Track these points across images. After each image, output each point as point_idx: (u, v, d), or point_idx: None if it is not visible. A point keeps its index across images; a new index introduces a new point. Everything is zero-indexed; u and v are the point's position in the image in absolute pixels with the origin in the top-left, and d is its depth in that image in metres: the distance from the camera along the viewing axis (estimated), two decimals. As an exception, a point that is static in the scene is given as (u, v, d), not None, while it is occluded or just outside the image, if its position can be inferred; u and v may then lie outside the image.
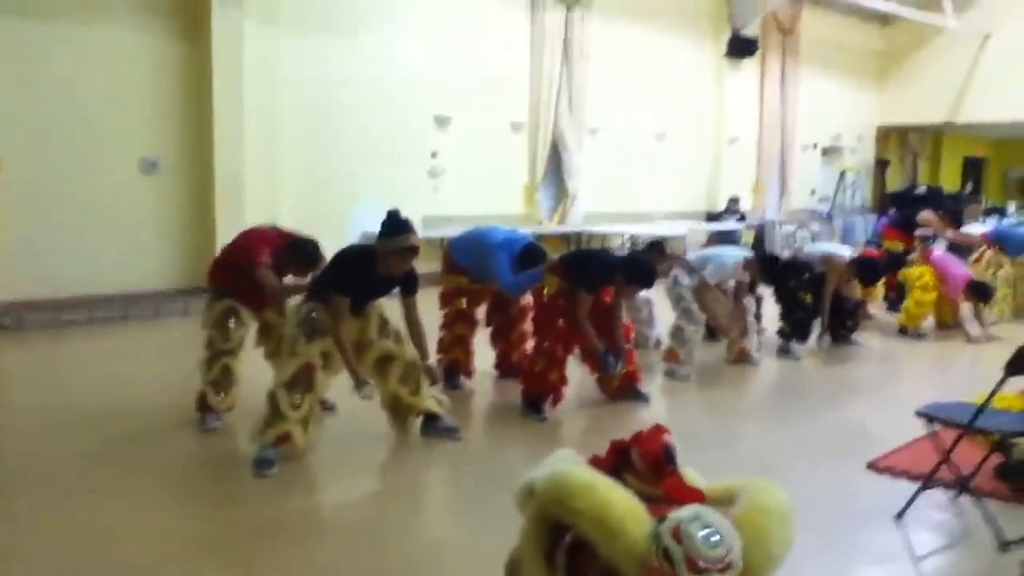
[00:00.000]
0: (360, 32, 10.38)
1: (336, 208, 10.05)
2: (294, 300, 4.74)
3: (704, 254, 6.90)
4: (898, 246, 9.92)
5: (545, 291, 5.45)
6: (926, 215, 10.21)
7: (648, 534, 2.13)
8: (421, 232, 4.61)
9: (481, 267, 5.74)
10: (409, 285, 4.57)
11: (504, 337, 6.13)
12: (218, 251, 8.84)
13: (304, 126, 9.92)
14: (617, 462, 2.42)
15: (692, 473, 2.53)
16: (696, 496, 2.34)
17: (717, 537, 2.12)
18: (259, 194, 9.36)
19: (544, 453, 4.75)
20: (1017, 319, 9.34)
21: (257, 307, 5.00)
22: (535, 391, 5.35)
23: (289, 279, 5.03)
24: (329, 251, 4.79)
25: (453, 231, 11.05)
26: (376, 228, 4.46)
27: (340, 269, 4.43)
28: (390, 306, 4.74)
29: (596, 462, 2.43)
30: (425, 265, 11.07)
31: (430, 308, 4.90)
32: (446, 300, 6.02)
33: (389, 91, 10.66)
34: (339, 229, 9.64)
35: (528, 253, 5.64)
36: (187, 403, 5.05)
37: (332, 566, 3.35)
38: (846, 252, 7.82)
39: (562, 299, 5.33)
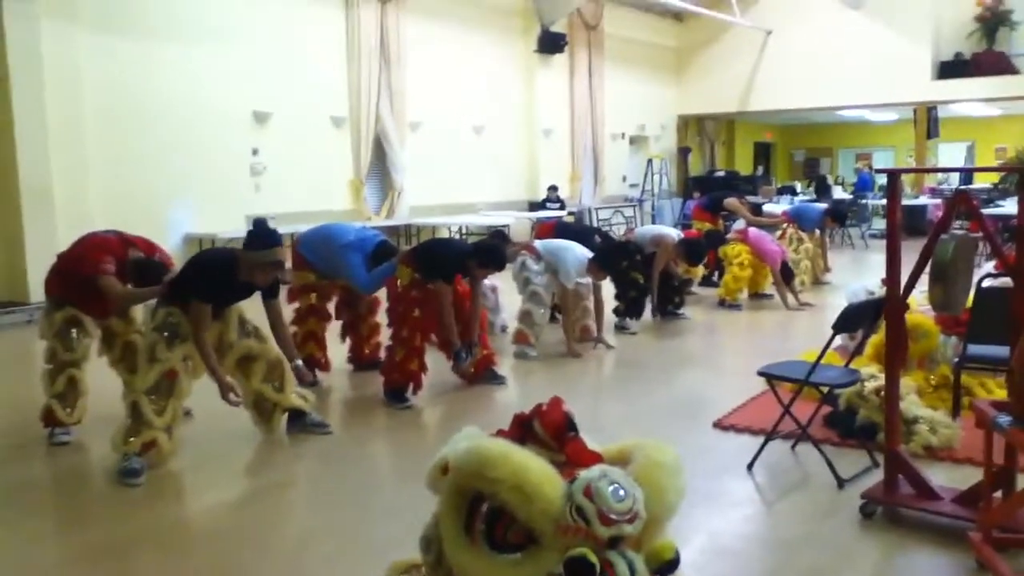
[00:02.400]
0: (165, 31, 9.93)
1: (152, 211, 9.50)
2: (147, 304, 4.55)
3: (550, 247, 7.03)
4: (706, 226, 10.64)
5: (399, 283, 5.49)
6: (731, 201, 11.02)
7: (562, 495, 2.25)
8: (242, 231, 4.52)
9: (332, 266, 5.71)
10: (272, 290, 4.47)
11: (355, 330, 6.14)
12: (29, 263, 8.40)
13: (112, 128, 9.36)
14: (521, 433, 2.52)
15: (586, 439, 2.68)
16: (596, 458, 2.48)
17: (623, 492, 2.27)
18: (68, 201, 8.78)
19: (411, 440, 4.89)
20: (815, 286, 10.32)
21: (100, 315, 4.74)
22: (396, 381, 5.39)
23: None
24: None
25: (281, 229, 10.89)
26: (192, 229, 4.35)
27: (201, 276, 4.28)
28: (246, 305, 4.63)
29: (502, 435, 2.52)
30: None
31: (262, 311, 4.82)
32: (294, 296, 5.97)
33: (202, 89, 10.25)
34: (157, 233, 9.14)
35: (381, 252, 5.67)
36: (24, 420, 4.73)
37: (206, 573, 3.27)
38: (674, 233, 8.36)
39: (416, 290, 5.39)
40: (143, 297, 4.62)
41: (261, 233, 4.25)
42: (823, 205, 11.83)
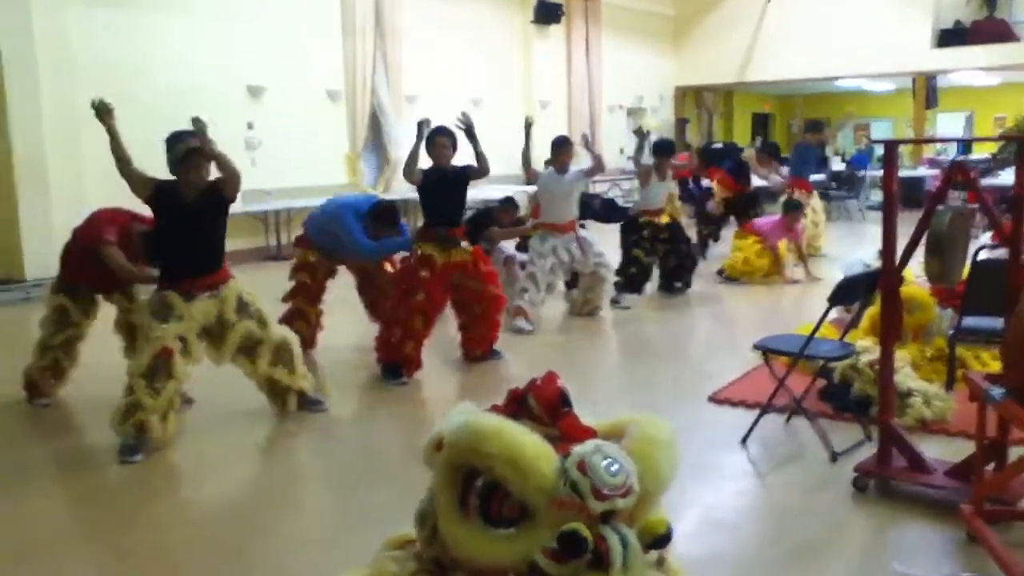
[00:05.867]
0: (158, 5, 9.83)
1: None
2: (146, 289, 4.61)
3: None
4: (728, 193, 10.64)
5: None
6: (749, 155, 11.11)
7: (556, 470, 2.26)
8: (240, 207, 4.53)
9: (334, 238, 5.72)
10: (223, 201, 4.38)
11: (381, 310, 6.03)
12: (24, 241, 8.41)
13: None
14: (516, 409, 2.53)
15: (580, 414, 2.69)
16: (590, 433, 2.50)
17: (617, 466, 2.28)
18: (63, 179, 8.72)
19: (406, 416, 4.91)
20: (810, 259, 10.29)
21: (107, 290, 4.88)
22: (390, 360, 5.38)
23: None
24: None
25: (276, 205, 10.86)
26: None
27: (151, 205, 4.31)
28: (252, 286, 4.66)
29: (496, 410, 2.53)
30: (249, 241, 10.87)
31: (260, 288, 4.83)
32: (293, 272, 6.02)
33: (197, 63, 10.15)
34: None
35: (377, 211, 5.68)
36: (21, 397, 4.83)
37: (203, 551, 3.30)
38: None
39: (424, 269, 5.34)
40: (140, 278, 4.68)
41: (171, 136, 4.31)
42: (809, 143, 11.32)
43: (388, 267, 6.03)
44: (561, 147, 6.88)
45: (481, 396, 2.76)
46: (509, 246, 7.35)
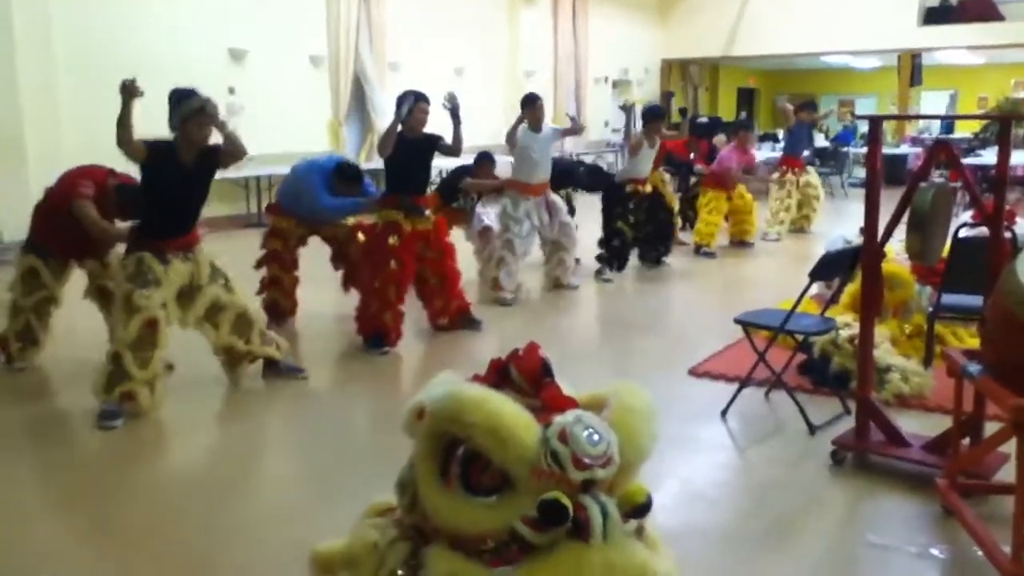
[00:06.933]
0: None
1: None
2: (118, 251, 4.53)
3: None
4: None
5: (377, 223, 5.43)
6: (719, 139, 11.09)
7: (537, 440, 2.26)
8: (220, 173, 4.48)
9: (299, 199, 5.69)
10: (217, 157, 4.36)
11: (355, 281, 5.99)
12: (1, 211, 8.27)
13: (85, 71, 9.03)
14: (497, 379, 2.52)
15: (561, 385, 2.69)
16: (572, 403, 2.49)
17: (597, 436, 2.28)
18: (41, 150, 8.53)
19: (388, 385, 4.90)
20: (792, 234, 10.34)
21: (78, 255, 4.78)
22: (371, 332, 5.36)
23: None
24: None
25: (257, 171, 10.75)
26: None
27: (144, 166, 4.20)
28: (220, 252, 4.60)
29: (478, 380, 2.52)
30: (230, 208, 10.75)
31: (240, 254, 4.80)
32: (265, 240, 6.00)
33: (176, 27, 9.99)
34: (133, 174, 9.02)
35: (341, 170, 5.71)
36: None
37: (183, 519, 3.29)
38: None
39: (392, 236, 5.31)
40: (115, 235, 4.59)
41: (176, 93, 4.19)
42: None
43: (360, 236, 5.96)
44: (532, 104, 6.78)
45: (462, 366, 2.76)
46: (489, 215, 7.30)
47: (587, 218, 8.27)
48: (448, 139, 5.46)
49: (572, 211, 7.97)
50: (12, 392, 4.72)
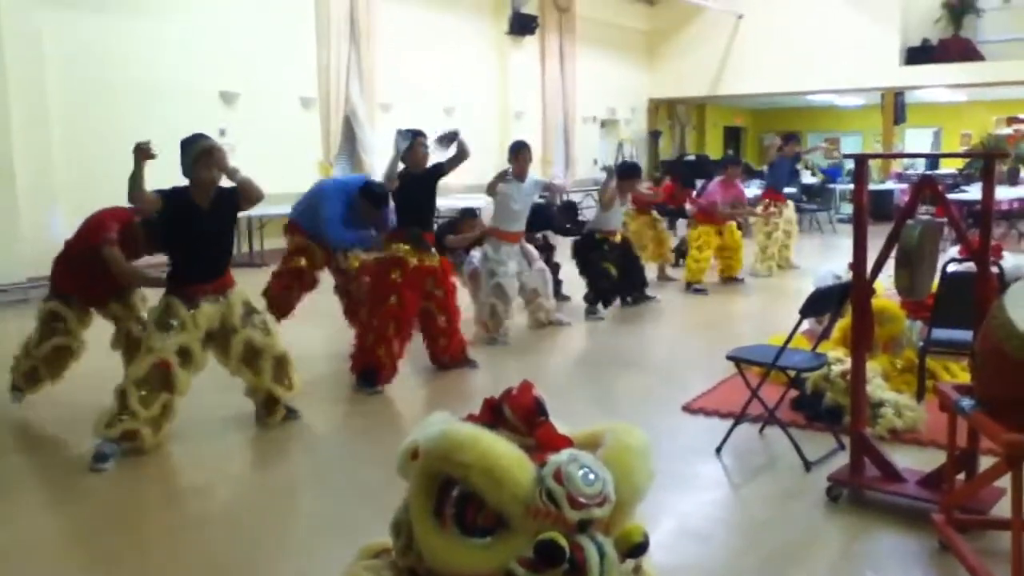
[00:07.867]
0: (129, 6, 9.72)
1: (119, 191, 9.26)
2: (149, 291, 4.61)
3: None
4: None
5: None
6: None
7: (532, 479, 2.25)
8: None
9: (313, 220, 5.75)
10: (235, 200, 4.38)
11: (356, 316, 6.02)
12: None
13: (77, 107, 9.11)
14: (492, 418, 2.51)
15: (556, 423, 2.69)
16: (567, 442, 2.49)
17: (593, 476, 2.27)
18: (32, 181, 8.59)
19: (381, 425, 4.87)
20: (781, 271, 10.40)
21: (103, 299, 4.79)
22: (364, 367, 5.33)
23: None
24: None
25: (249, 212, 10.75)
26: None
27: (162, 214, 4.24)
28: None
29: (472, 419, 2.52)
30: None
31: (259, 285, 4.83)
32: (285, 259, 6.12)
33: (169, 67, 10.05)
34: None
35: (367, 192, 5.75)
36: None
37: (176, 558, 3.25)
38: None
39: (396, 272, 5.31)
40: (142, 279, 4.66)
41: (186, 140, 4.30)
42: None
43: (366, 279, 5.96)
44: (520, 151, 6.84)
45: (456, 405, 2.76)
46: (475, 259, 7.30)
47: (569, 253, 8.30)
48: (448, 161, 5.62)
49: (552, 248, 8.22)
50: (14, 432, 4.67)
